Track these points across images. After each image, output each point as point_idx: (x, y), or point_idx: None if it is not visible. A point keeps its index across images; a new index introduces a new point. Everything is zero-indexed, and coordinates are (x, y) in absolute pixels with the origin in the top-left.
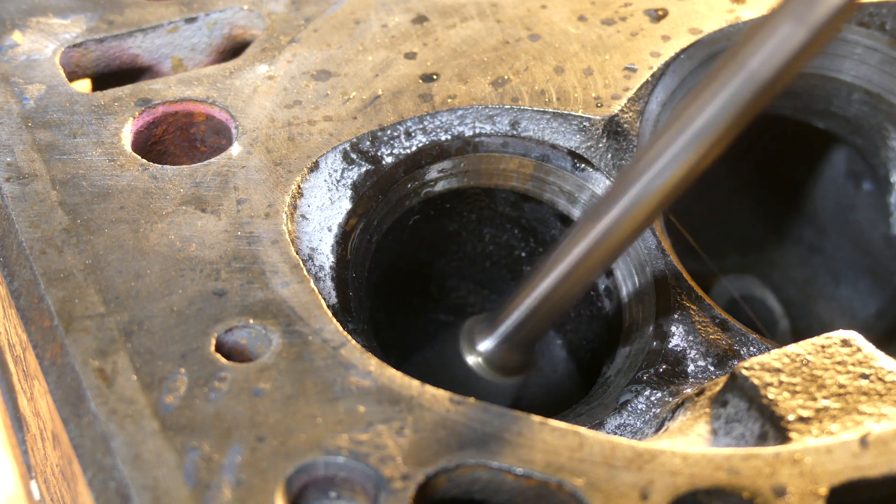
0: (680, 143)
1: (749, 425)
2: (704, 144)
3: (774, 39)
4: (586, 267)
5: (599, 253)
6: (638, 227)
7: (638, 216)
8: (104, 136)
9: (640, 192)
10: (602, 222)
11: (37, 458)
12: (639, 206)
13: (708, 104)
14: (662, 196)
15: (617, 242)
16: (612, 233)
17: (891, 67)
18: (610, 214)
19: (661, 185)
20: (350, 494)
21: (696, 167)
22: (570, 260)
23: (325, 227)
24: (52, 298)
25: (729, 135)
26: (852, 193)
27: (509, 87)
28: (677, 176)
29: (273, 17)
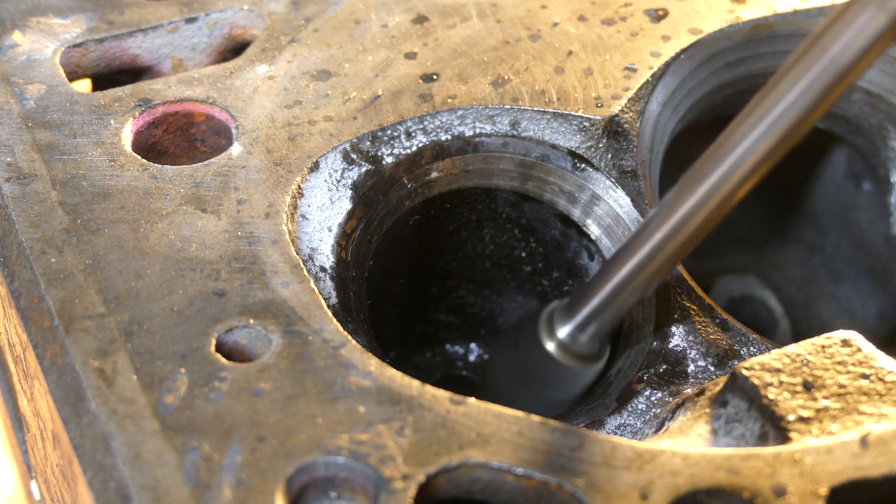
0: (760, 128)
1: (749, 425)
2: (784, 130)
3: (855, 25)
4: (665, 256)
5: (678, 241)
6: (720, 210)
7: (719, 199)
8: (104, 136)
9: (723, 176)
10: (683, 208)
11: (37, 458)
12: (722, 189)
13: (789, 90)
14: (742, 180)
15: (697, 229)
16: (692, 220)
17: (891, 67)
18: (691, 200)
19: (741, 170)
20: (350, 494)
21: (775, 153)
22: (649, 248)
23: (325, 228)
24: (52, 298)
25: (809, 121)
26: (852, 193)
27: (509, 87)
28: (756, 161)
29: (273, 17)
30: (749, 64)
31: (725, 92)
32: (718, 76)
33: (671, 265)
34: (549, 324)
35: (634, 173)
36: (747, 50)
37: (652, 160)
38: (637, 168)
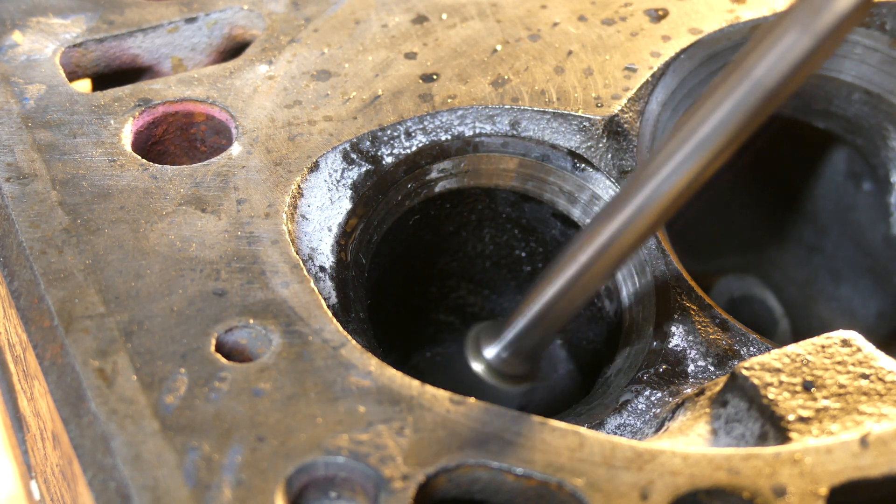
0: (685, 151)
1: (749, 425)
2: (709, 153)
3: (779, 47)
4: (591, 276)
5: (604, 262)
6: (643, 235)
7: (643, 224)
8: (104, 136)
9: (645, 201)
10: (607, 231)
11: (37, 458)
12: (644, 214)
13: (713, 112)
14: (668, 204)
15: (622, 251)
16: (618, 241)
17: (891, 67)
18: (615, 223)
19: (666, 193)
20: (350, 494)
21: (701, 175)
22: (575, 269)
23: (325, 227)
24: (52, 298)
25: (734, 143)
26: (852, 193)
27: (509, 87)
28: (683, 184)
29: (273, 17)
30: None
31: None
32: None
33: (596, 286)
34: (476, 344)
35: None
36: None
37: None
38: (637, 168)
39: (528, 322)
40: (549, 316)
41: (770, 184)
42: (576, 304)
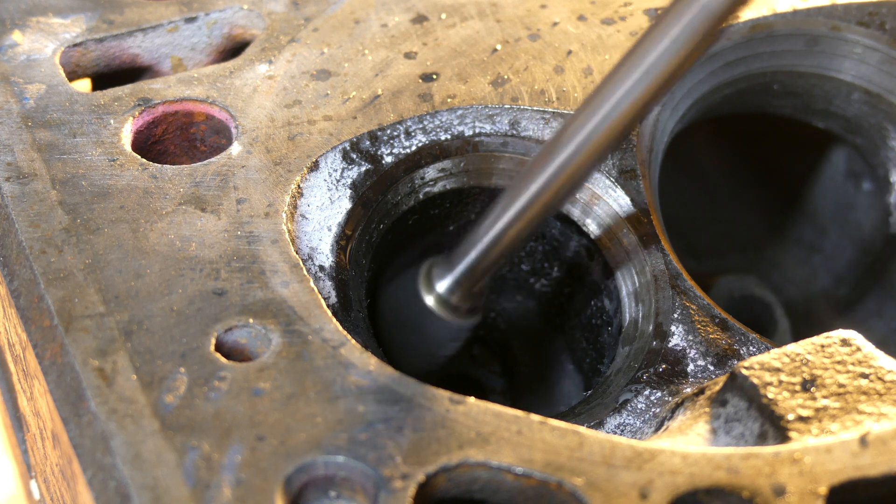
0: (635, 76)
1: (749, 425)
2: (658, 77)
3: None
4: (540, 205)
5: (553, 191)
6: (592, 161)
7: (592, 150)
8: (104, 135)
9: (595, 126)
10: (557, 159)
11: (37, 457)
12: (594, 140)
13: (662, 38)
14: (618, 129)
15: (571, 180)
16: (566, 170)
17: (891, 67)
18: (565, 151)
19: (616, 118)
20: (350, 494)
21: (651, 99)
22: (525, 199)
23: (324, 227)
24: (51, 298)
25: (683, 67)
26: (852, 193)
27: (509, 87)
28: (632, 109)
29: (273, 17)
30: (748, 63)
31: (725, 91)
32: (718, 76)
33: (547, 215)
34: (429, 276)
35: (634, 173)
36: (747, 49)
37: (651, 160)
38: (637, 167)
39: (478, 254)
40: (500, 248)
41: (770, 184)
42: (527, 235)
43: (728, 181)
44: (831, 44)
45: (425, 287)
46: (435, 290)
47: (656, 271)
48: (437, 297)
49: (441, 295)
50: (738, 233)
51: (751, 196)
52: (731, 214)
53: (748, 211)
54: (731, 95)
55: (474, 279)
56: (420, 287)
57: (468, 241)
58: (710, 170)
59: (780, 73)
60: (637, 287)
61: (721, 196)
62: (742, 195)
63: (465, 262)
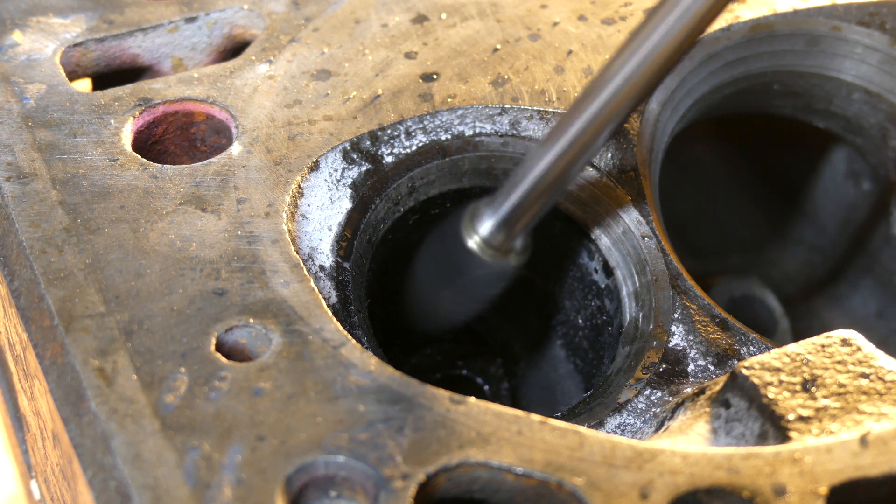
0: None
1: (749, 424)
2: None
3: None
4: (580, 146)
5: (593, 130)
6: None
7: (631, 91)
8: (104, 135)
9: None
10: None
11: (37, 457)
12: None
13: None
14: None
15: (609, 118)
16: (607, 109)
17: (891, 67)
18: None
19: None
20: (350, 494)
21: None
22: (565, 141)
23: (325, 227)
24: (52, 298)
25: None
26: (852, 193)
27: (509, 87)
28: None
29: (273, 17)
30: (749, 63)
31: (725, 91)
32: (718, 76)
33: (589, 156)
34: (472, 219)
35: (634, 173)
36: (747, 49)
37: (652, 159)
38: (637, 167)
39: (521, 195)
40: (543, 187)
41: (770, 184)
42: (571, 176)
43: (728, 181)
44: (832, 44)
45: (468, 229)
46: (478, 232)
47: (656, 271)
48: (480, 239)
49: (484, 237)
50: (738, 233)
51: (751, 196)
52: (731, 214)
53: (748, 211)
54: (732, 95)
55: (517, 220)
56: (463, 229)
57: (510, 182)
58: (710, 170)
59: (781, 73)
60: (637, 287)
61: (721, 196)
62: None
63: (507, 204)
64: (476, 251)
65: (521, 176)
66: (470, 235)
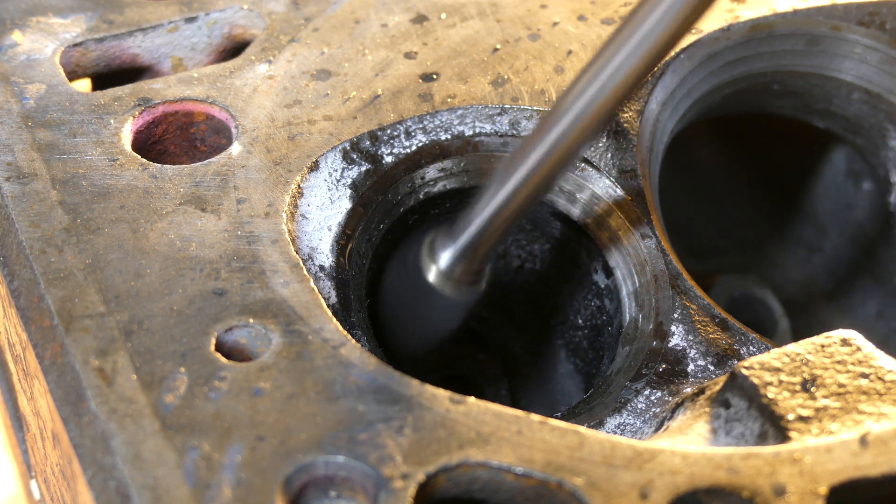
0: (632, 42)
1: (749, 424)
2: (656, 43)
3: None
4: (542, 175)
5: (554, 161)
6: (592, 131)
7: (591, 120)
8: (104, 135)
9: (595, 93)
10: (555, 129)
11: (37, 457)
12: (594, 106)
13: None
14: (618, 94)
15: (570, 150)
16: (568, 137)
17: (891, 67)
18: (564, 120)
19: (616, 83)
20: (350, 494)
21: (648, 65)
22: (527, 168)
23: (325, 227)
24: (52, 298)
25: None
26: (852, 193)
27: (509, 87)
28: (631, 75)
29: (273, 17)
30: (749, 63)
31: (725, 91)
32: (718, 76)
33: (549, 186)
34: (431, 250)
35: (634, 173)
36: (747, 49)
37: (652, 159)
38: (637, 167)
39: (480, 226)
40: (503, 218)
41: (770, 184)
42: (529, 206)
43: (728, 181)
44: (831, 44)
45: (428, 261)
46: (437, 264)
47: (656, 271)
48: (438, 271)
49: (443, 269)
50: (738, 233)
51: (751, 196)
52: (731, 214)
53: (748, 211)
54: (731, 95)
55: (476, 252)
56: (423, 261)
57: (470, 213)
58: (710, 170)
59: (781, 73)
60: (637, 287)
61: (721, 196)
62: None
63: (466, 235)
64: (435, 283)
65: (481, 207)
66: (429, 267)
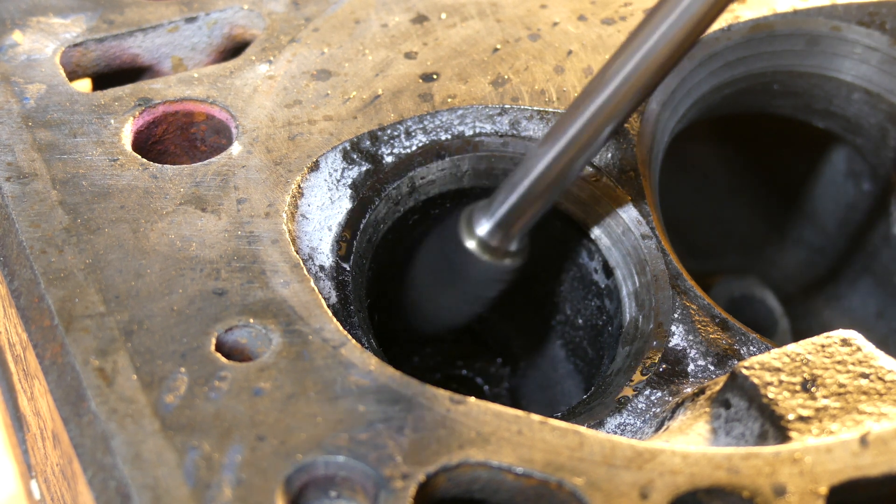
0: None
1: (749, 424)
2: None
3: None
4: (579, 147)
5: (591, 131)
6: (629, 101)
7: (629, 91)
8: (104, 135)
9: (631, 69)
10: (595, 101)
11: (37, 457)
12: (629, 82)
13: None
14: (652, 71)
15: (607, 120)
16: (605, 110)
17: (891, 67)
18: (602, 93)
19: (650, 59)
20: (350, 494)
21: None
22: (564, 141)
23: (325, 227)
24: (52, 298)
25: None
26: (852, 193)
27: (509, 87)
28: (666, 53)
29: (273, 17)
30: (749, 63)
31: (725, 91)
32: (718, 76)
33: (586, 159)
34: (470, 220)
35: (634, 173)
36: (747, 49)
37: (652, 160)
38: (637, 167)
39: (519, 196)
40: (542, 189)
41: (770, 183)
42: (570, 177)
43: (728, 181)
44: (831, 44)
45: (466, 231)
46: (476, 234)
47: (656, 271)
48: (478, 241)
49: (482, 238)
50: (738, 233)
51: (751, 196)
52: (731, 214)
53: (748, 211)
54: (731, 95)
55: (514, 221)
56: (461, 231)
57: (509, 183)
58: (710, 170)
59: (780, 73)
60: (637, 287)
61: (721, 196)
62: (742, 195)
63: (506, 205)
64: (474, 252)
65: (520, 177)
66: (468, 236)
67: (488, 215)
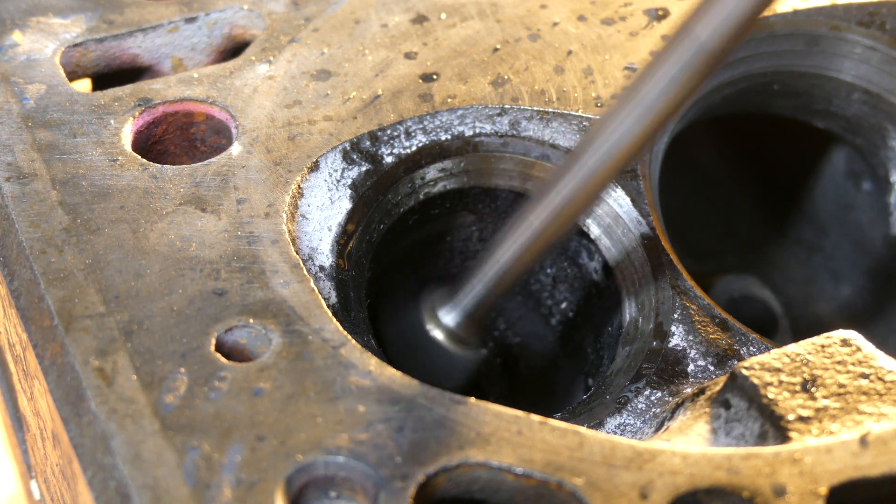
0: (634, 113)
1: (749, 425)
2: (656, 113)
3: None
4: (545, 238)
5: (557, 223)
6: (594, 194)
7: (594, 184)
8: (104, 135)
9: (597, 162)
10: (560, 193)
11: (37, 457)
12: (595, 175)
13: (659, 74)
14: (619, 162)
15: (573, 212)
16: (570, 203)
17: (891, 67)
18: (567, 185)
19: (617, 152)
20: (350, 494)
21: (649, 135)
22: (530, 233)
23: (325, 227)
24: (52, 298)
25: (680, 103)
26: (852, 193)
27: (509, 87)
28: (633, 144)
29: (273, 17)
30: (749, 64)
31: (725, 92)
32: (718, 76)
33: (550, 247)
34: (432, 311)
35: (634, 173)
36: (747, 50)
37: (652, 160)
38: (637, 167)
39: (486, 287)
40: (505, 280)
41: (770, 184)
42: (530, 266)
43: (728, 181)
44: (831, 44)
45: (431, 320)
46: (443, 324)
47: (656, 271)
48: (446, 331)
49: (450, 328)
50: (738, 233)
51: (751, 196)
52: (731, 214)
53: (748, 211)
54: (731, 95)
55: (484, 311)
56: (425, 320)
57: (476, 274)
58: (710, 170)
59: (781, 73)
60: (637, 287)
61: (721, 196)
62: (742, 195)
63: (473, 295)
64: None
65: (487, 267)
66: (435, 326)
67: (455, 304)
